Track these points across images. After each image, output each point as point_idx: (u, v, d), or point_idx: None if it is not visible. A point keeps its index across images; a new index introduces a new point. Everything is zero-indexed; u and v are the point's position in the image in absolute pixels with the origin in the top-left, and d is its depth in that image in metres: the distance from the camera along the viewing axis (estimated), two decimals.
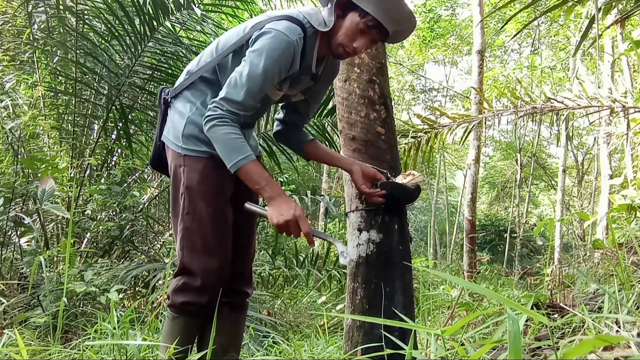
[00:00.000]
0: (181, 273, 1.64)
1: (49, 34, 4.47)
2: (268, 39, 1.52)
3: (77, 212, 3.98)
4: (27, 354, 1.68)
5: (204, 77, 1.66)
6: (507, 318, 0.76)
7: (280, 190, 1.57)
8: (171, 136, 1.66)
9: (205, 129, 1.51)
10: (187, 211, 1.60)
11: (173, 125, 1.67)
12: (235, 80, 1.52)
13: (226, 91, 1.52)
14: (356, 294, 1.87)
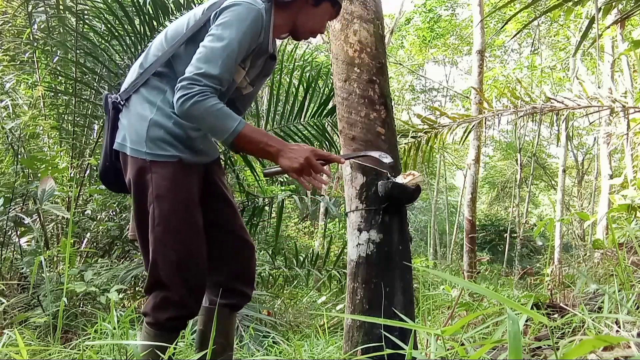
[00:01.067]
0: (156, 288, 1.51)
1: (49, 34, 4.47)
2: (235, 9, 1.45)
3: (77, 212, 3.98)
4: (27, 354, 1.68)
5: (158, 72, 1.53)
6: (507, 318, 0.76)
7: (282, 141, 1.52)
8: (130, 142, 1.50)
9: (183, 109, 1.38)
10: (157, 222, 1.48)
11: (132, 129, 1.50)
12: (206, 55, 1.41)
13: (198, 66, 1.39)
14: (356, 294, 1.87)
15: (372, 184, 1.92)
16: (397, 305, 1.81)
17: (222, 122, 1.40)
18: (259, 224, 5.23)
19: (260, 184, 5.76)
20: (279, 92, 4.81)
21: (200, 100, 1.36)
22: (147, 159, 1.47)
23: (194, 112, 1.38)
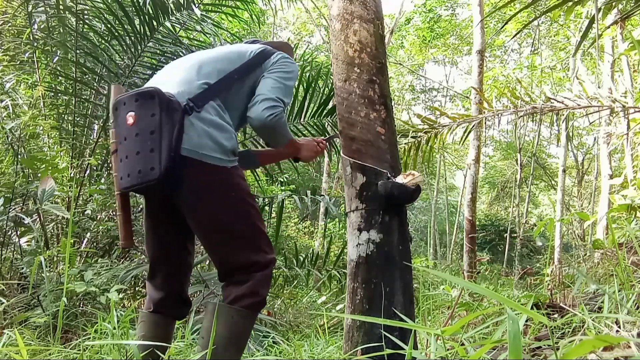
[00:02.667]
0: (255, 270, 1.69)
1: (49, 34, 4.47)
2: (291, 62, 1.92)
3: (77, 212, 3.98)
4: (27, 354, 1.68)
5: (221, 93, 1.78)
6: (507, 318, 0.76)
7: (297, 140, 2.09)
8: (208, 149, 1.64)
9: (268, 121, 1.74)
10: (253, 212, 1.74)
11: (209, 138, 1.65)
12: (281, 88, 1.81)
13: (278, 94, 1.79)
14: (356, 294, 1.87)
15: (372, 184, 1.92)
16: (397, 305, 1.81)
17: (287, 133, 1.86)
18: None
19: (260, 184, 5.76)
20: None
21: (282, 117, 1.77)
22: (228, 165, 1.69)
23: (277, 124, 1.76)
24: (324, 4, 13.32)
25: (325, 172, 12.14)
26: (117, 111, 1.67)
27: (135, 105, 1.61)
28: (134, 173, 1.57)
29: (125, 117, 1.62)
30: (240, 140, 4.99)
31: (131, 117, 1.60)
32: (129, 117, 1.60)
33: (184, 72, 1.78)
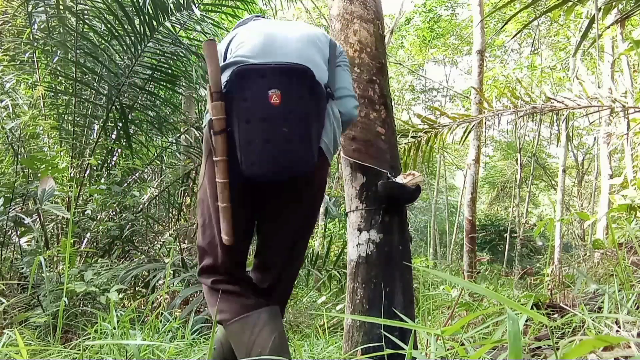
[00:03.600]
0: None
1: (49, 34, 4.47)
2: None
3: (77, 212, 3.98)
4: (27, 354, 1.68)
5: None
6: (507, 318, 0.76)
7: None
8: (335, 148, 1.59)
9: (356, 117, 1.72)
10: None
11: (332, 134, 1.55)
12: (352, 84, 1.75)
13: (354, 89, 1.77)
14: (356, 294, 1.87)
15: (372, 184, 1.92)
16: (397, 305, 1.81)
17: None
18: None
19: None
20: None
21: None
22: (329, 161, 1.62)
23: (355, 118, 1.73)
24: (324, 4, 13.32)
25: None
26: (247, 81, 1.39)
27: (281, 83, 1.38)
28: (281, 161, 1.38)
29: (266, 94, 1.36)
30: None
31: (276, 96, 1.36)
32: (272, 95, 1.36)
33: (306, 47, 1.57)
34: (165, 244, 4.47)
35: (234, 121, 1.37)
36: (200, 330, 2.68)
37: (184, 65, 4.80)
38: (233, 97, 1.38)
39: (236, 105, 1.37)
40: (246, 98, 1.37)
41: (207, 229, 1.55)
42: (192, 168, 5.17)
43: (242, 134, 1.36)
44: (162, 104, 5.25)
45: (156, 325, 2.33)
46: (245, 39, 1.57)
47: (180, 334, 2.31)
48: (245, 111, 1.37)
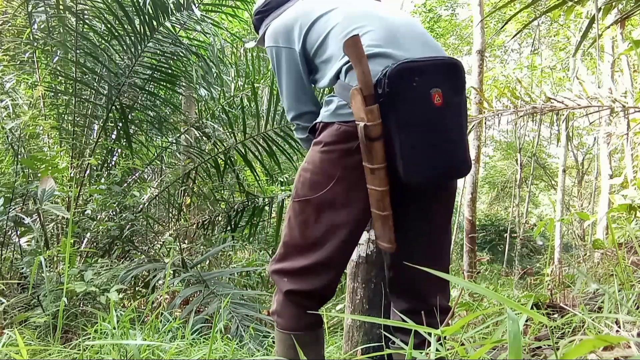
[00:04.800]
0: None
1: (49, 34, 4.47)
2: None
3: (77, 212, 3.98)
4: (27, 354, 1.68)
5: None
6: (507, 318, 0.76)
7: None
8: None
9: None
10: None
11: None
12: None
13: None
14: (356, 294, 1.88)
15: None
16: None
17: None
18: (259, 224, 5.23)
19: (261, 184, 5.76)
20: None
21: None
22: None
23: None
24: None
25: None
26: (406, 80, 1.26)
27: (442, 81, 1.28)
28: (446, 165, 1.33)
29: (428, 94, 1.26)
30: (240, 140, 4.99)
31: (438, 96, 1.26)
32: (435, 95, 1.26)
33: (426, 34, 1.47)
34: (165, 244, 4.47)
35: (392, 125, 1.26)
36: (200, 330, 2.68)
37: (184, 65, 4.80)
38: (390, 98, 1.25)
39: (394, 107, 1.25)
40: (406, 99, 1.26)
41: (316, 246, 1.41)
42: (192, 168, 5.18)
43: (404, 139, 1.26)
44: (162, 104, 5.25)
45: (156, 325, 2.33)
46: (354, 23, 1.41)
47: (180, 334, 2.31)
48: (406, 114, 1.26)
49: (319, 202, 1.40)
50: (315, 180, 1.40)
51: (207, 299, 3.25)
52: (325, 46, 1.45)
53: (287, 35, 1.52)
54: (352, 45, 1.25)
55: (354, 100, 1.26)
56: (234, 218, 5.04)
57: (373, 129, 1.24)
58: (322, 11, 1.48)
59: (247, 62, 5.78)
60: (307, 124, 1.54)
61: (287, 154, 5.20)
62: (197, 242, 5.05)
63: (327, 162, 1.38)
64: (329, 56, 1.44)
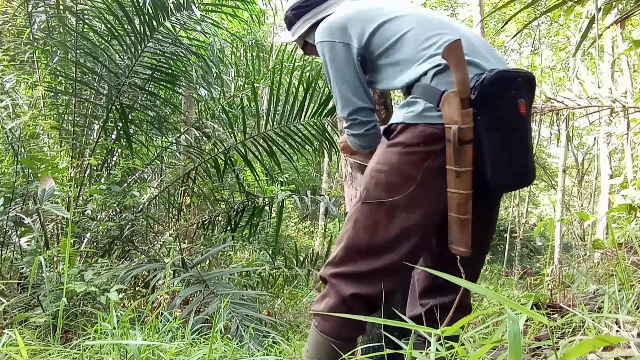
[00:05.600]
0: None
1: (49, 34, 4.47)
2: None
3: (77, 212, 3.98)
4: (27, 354, 1.68)
5: None
6: (507, 318, 0.76)
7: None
8: None
9: None
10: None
11: None
12: None
13: None
14: None
15: None
16: (397, 305, 1.81)
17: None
18: (259, 224, 5.23)
19: (261, 184, 5.76)
20: (279, 92, 4.81)
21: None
22: None
23: None
24: None
25: (325, 172, 12.14)
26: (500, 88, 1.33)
27: (526, 93, 1.37)
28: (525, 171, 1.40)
29: (516, 103, 1.34)
30: (240, 140, 4.99)
31: (523, 106, 1.35)
32: (521, 105, 1.35)
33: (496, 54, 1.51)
34: (165, 244, 4.48)
35: (482, 129, 1.31)
36: (200, 330, 2.68)
37: (184, 65, 4.80)
38: (484, 104, 1.31)
39: (487, 112, 1.31)
40: (500, 106, 1.33)
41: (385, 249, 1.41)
42: (192, 168, 5.18)
43: (494, 143, 1.32)
44: (162, 104, 5.26)
45: (156, 325, 2.33)
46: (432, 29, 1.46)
47: (180, 334, 2.31)
48: (498, 120, 1.33)
49: (394, 205, 1.39)
50: (391, 182, 1.40)
51: (207, 299, 3.25)
52: (396, 48, 1.47)
53: (344, 32, 1.54)
54: (453, 50, 1.29)
55: (448, 103, 1.29)
56: (234, 218, 5.04)
57: (466, 132, 1.28)
58: (391, 14, 1.52)
59: (247, 62, 5.78)
60: (366, 119, 1.54)
61: (287, 154, 5.20)
62: (197, 242, 5.05)
63: (407, 164, 1.38)
64: (402, 59, 1.46)
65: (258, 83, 5.47)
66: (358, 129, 1.56)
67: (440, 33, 1.44)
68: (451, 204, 1.35)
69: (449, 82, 1.33)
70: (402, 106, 1.43)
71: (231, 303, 3.07)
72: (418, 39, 1.45)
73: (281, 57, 5.15)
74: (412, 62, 1.44)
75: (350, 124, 1.56)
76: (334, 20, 1.57)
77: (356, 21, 1.54)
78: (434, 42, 1.42)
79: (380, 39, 1.50)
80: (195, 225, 5.28)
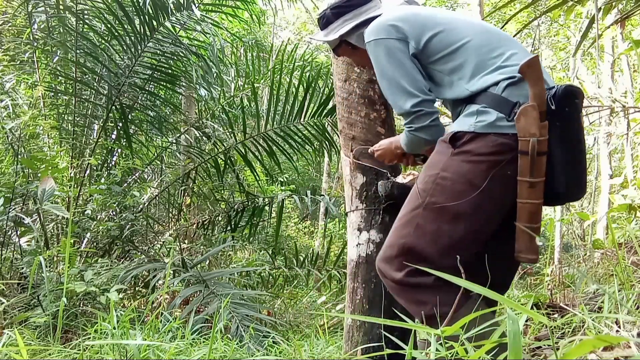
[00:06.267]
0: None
1: (49, 34, 4.47)
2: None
3: (77, 212, 3.98)
4: (27, 354, 1.68)
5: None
6: (507, 318, 0.76)
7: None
8: None
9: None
10: None
11: None
12: None
13: None
14: (356, 294, 1.88)
15: (372, 184, 1.92)
16: (397, 305, 1.81)
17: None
18: (259, 224, 5.23)
19: (261, 184, 5.76)
20: (279, 92, 4.81)
21: None
22: None
23: None
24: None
25: (325, 172, 12.13)
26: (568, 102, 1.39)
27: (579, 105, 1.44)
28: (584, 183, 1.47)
29: (579, 116, 1.43)
30: (240, 140, 4.99)
31: (581, 119, 1.47)
32: (580, 118, 1.46)
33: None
34: (165, 244, 4.48)
35: (554, 142, 1.37)
36: (200, 330, 2.68)
37: (184, 65, 4.80)
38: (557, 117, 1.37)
39: (560, 126, 1.37)
40: (569, 119, 1.39)
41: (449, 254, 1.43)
42: (192, 168, 5.18)
43: (562, 155, 1.38)
44: (162, 104, 5.26)
45: (156, 325, 2.33)
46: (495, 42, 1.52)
47: (180, 334, 2.31)
48: (566, 132, 1.38)
49: (460, 212, 1.42)
50: (457, 189, 1.43)
51: (207, 299, 3.25)
52: (457, 56, 1.51)
53: (399, 30, 1.56)
54: (532, 66, 1.35)
55: (525, 116, 1.34)
56: (234, 218, 5.04)
57: (542, 144, 1.34)
58: (447, 24, 1.56)
59: (247, 62, 5.78)
60: (431, 110, 1.55)
61: (287, 154, 5.20)
62: (197, 242, 5.05)
63: (474, 172, 1.41)
64: (463, 67, 1.50)
65: (258, 83, 5.47)
66: (424, 120, 1.54)
67: (503, 45, 1.50)
68: (522, 213, 1.39)
69: (521, 94, 1.38)
70: (470, 114, 1.45)
71: (231, 303, 3.07)
72: (481, 49, 1.49)
73: (281, 57, 5.15)
74: (477, 71, 1.48)
75: (415, 116, 1.54)
76: (387, 19, 1.59)
77: (411, 23, 1.56)
78: (500, 53, 1.48)
79: (439, 46, 1.53)
80: (195, 225, 5.28)
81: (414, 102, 1.52)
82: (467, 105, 1.48)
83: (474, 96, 1.46)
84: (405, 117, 1.56)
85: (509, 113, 1.38)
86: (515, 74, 1.41)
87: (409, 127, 1.56)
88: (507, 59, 1.46)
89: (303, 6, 13.87)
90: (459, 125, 1.46)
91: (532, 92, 1.34)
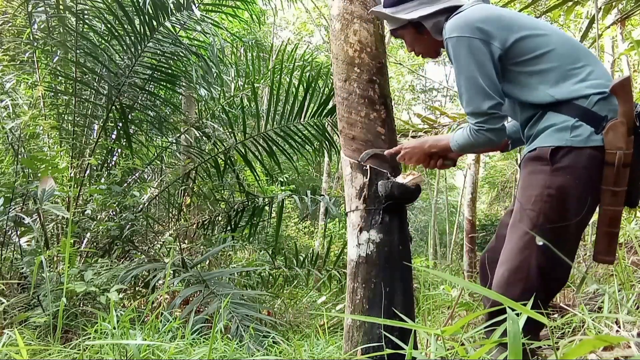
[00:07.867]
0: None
1: (49, 34, 4.47)
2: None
3: (77, 212, 3.98)
4: (27, 354, 1.68)
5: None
6: (507, 318, 0.76)
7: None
8: None
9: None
10: None
11: None
12: None
13: None
14: (356, 294, 1.87)
15: (372, 184, 1.92)
16: (397, 305, 1.81)
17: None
18: (259, 224, 5.23)
19: (261, 184, 5.76)
20: (279, 92, 4.81)
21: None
22: None
23: None
24: (324, 4, 13.31)
25: (325, 172, 12.13)
26: None
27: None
28: None
29: None
30: (240, 140, 4.99)
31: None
32: None
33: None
34: (165, 244, 4.47)
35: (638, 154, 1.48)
36: (200, 330, 2.68)
37: (184, 65, 4.80)
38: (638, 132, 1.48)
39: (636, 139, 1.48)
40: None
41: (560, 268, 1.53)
42: (192, 168, 5.17)
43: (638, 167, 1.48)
44: (162, 104, 5.25)
45: (156, 325, 2.33)
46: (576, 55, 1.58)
47: (180, 334, 2.31)
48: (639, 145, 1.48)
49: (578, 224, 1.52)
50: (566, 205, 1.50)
51: (207, 299, 3.25)
52: (541, 60, 1.56)
53: (483, 31, 1.58)
54: (625, 85, 1.45)
55: (615, 130, 1.44)
56: (234, 218, 5.04)
57: (627, 157, 1.46)
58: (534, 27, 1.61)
59: (247, 62, 5.78)
60: (503, 114, 1.63)
61: (287, 154, 5.20)
62: (197, 242, 5.05)
63: (581, 187, 1.49)
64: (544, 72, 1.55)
65: (258, 83, 5.47)
66: (497, 122, 1.60)
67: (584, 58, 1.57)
68: (604, 219, 1.51)
69: (610, 109, 1.47)
70: (562, 129, 1.50)
71: (231, 303, 3.07)
72: (565, 59, 1.55)
73: (281, 57, 5.15)
74: (561, 79, 1.53)
75: (490, 117, 1.59)
76: (472, 19, 1.61)
77: (496, 25, 1.59)
78: (582, 65, 1.54)
79: (525, 48, 1.57)
80: (195, 225, 5.28)
81: (492, 104, 1.57)
82: (550, 114, 1.53)
83: (558, 104, 1.52)
84: (478, 116, 1.59)
85: (597, 127, 1.47)
86: (604, 90, 1.49)
87: (481, 126, 1.60)
88: (590, 73, 1.53)
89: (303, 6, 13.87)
90: (553, 140, 1.51)
91: (622, 109, 1.43)
